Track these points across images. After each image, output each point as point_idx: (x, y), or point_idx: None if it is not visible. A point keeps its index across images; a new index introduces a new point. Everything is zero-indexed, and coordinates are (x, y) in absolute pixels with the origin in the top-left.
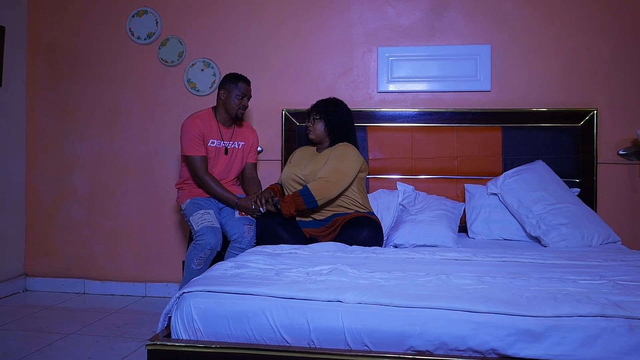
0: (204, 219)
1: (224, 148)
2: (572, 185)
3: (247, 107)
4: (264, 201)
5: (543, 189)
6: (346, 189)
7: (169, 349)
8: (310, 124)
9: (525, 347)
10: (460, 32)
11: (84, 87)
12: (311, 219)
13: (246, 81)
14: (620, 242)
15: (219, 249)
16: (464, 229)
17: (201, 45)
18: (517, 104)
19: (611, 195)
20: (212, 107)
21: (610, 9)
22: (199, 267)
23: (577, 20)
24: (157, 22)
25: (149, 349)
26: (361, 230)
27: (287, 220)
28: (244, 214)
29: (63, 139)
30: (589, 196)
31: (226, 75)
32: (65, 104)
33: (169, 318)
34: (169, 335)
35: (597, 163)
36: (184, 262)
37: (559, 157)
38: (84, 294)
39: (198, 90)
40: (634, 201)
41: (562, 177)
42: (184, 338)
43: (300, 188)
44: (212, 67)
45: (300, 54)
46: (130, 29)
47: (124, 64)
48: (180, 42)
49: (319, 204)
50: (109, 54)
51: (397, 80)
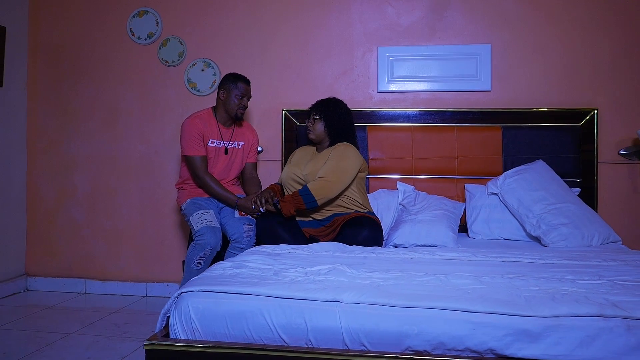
0: (203, 218)
1: (224, 148)
2: (572, 185)
3: (246, 107)
4: (263, 201)
5: (543, 189)
6: (346, 189)
7: (167, 348)
8: (310, 123)
9: (523, 347)
10: (461, 31)
11: (84, 87)
12: (311, 218)
13: (246, 81)
14: (621, 242)
15: (218, 249)
16: (464, 228)
17: (201, 45)
18: (517, 103)
19: (612, 195)
20: (212, 107)
21: (611, 8)
22: (198, 267)
23: (577, 19)
24: (157, 22)
25: (147, 348)
26: (361, 230)
27: (287, 220)
28: (243, 213)
29: (64, 139)
30: (589, 196)
31: (226, 75)
32: (66, 104)
33: (168, 318)
34: (167, 335)
35: (597, 163)
36: (184, 262)
37: (560, 157)
38: (84, 293)
39: (198, 90)
40: (635, 201)
41: (563, 177)
42: (182, 338)
43: (300, 188)
44: (213, 67)
45: (301, 53)
46: (130, 29)
47: (125, 64)
48: (181, 42)
49: (318, 203)
50: (109, 54)
51: (397, 80)
